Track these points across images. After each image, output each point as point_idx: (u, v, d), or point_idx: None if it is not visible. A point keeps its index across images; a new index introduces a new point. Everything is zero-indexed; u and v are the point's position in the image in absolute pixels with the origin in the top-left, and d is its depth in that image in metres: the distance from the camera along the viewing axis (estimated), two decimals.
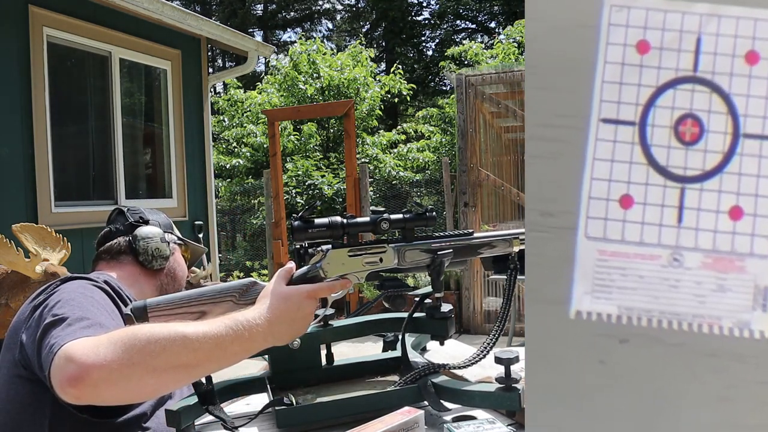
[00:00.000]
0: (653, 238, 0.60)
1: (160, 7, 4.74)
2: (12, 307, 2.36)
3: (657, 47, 0.59)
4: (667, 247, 0.60)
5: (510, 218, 6.03)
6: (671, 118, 0.59)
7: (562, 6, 0.60)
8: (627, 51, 0.60)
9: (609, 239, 0.60)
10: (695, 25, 0.59)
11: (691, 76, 0.59)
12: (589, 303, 0.61)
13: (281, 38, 22.65)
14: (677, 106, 0.59)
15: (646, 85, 0.60)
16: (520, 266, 1.17)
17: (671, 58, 0.59)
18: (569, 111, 0.60)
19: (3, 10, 3.92)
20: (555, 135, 0.60)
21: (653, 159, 0.60)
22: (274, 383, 1.24)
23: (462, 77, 5.83)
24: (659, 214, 0.60)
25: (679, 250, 0.60)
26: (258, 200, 9.31)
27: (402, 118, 16.43)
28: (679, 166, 0.59)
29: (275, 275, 1.03)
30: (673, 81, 0.59)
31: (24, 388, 1.14)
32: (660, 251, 0.60)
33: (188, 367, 0.91)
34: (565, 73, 0.60)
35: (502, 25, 16.84)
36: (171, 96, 5.42)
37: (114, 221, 1.49)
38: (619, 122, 0.60)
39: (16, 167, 3.98)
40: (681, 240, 0.60)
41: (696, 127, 0.59)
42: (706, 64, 0.59)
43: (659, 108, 0.60)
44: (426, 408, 1.12)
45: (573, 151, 0.60)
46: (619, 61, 0.60)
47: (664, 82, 0.59)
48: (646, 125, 0.60)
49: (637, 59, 0.60)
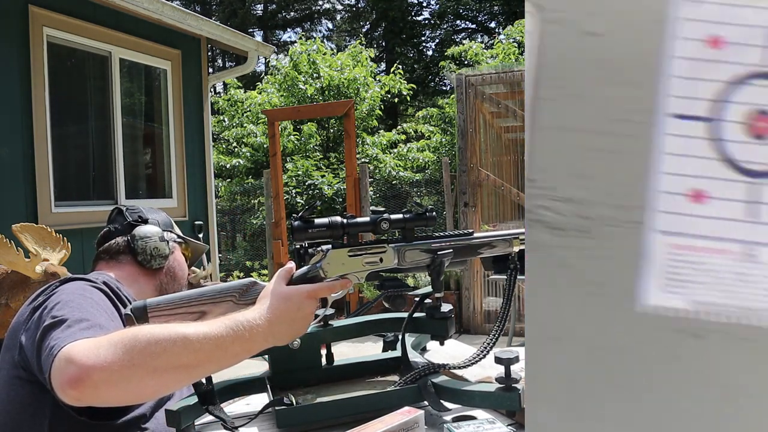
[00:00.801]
0: (727, 233, 0.60)
1: (160, 7, 4.74)
2: (12, 307, 2.36)
3: (730, 42, 0.59)
4: (741, 242, 0.59)
5: (510, 218, 6.03)
6: (745, 113, 0.59)
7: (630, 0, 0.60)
8: (698, 45, 0.60)
9: (682, 233, 0.60)
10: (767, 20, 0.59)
11: (764, 71, 0.59)
12: (661, 297, 0.60)
13: (281, 38, 22.66)
14: (750, 101, 0.59)
15: (719, 80, 0.59)
16: (520, 266, 1.17)
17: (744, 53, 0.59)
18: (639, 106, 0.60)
19: (3, 10, 3.92)
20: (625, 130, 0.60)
21: (726, 154, 0.60)
22: (274, 383, 1.24)
23: (462, 77, 5.83)
24: (734, 209, 0.59)
25: (754, 245, 0.59)
26: (258, 200, 9.31)
27: (402, 118, 16.43)
28: (753, 161, 0.59)
29: (275, 275, 1.03)
30: (746, 76, 0.59)
31: (23, 390, 1.14)
32: (733, 246, 0.60)
33: (189, 368, 0.91)
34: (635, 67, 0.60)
35: (502, 25, 16.85)
36: (171, 96, 5.42)
37: (113, 221, 1.49)
38: (691, 118, 0.60)
39: (16, 167, 3.98)
40: (756, 235, 0.59)
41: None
42: None
43: (733, 103, 0.59)
44: (426, 408, 1.12)
45: (643, 146, 0.60)
46: (689, 56, 0.60)
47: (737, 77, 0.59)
48: (719, 120, 0.60)
49: (709, 54, 0.60)
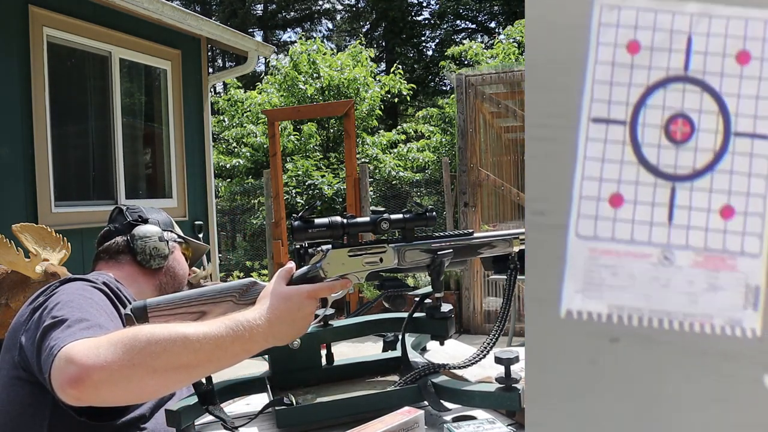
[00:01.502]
0: (644, 236, 0.60)
1: (160, 7, 4.74)
2: (12, 307, 2.35)
3: (647, 47, 0.60)
4: (658, 246, 0.60)
5: (510, 218, 6.03)
6: (662, 117, 0.60)
7: (556, 6, 0.60)
8: (618, 51, 0.60)
9: (600, 238, 0.60)
10: (686, 25, 0.59)
11: (682, 75, 0.59)
12: (580, 302, 0.61)
13: (281, 38, 22.66)
14: (668, 105, 0.59)
15: (637, 84, 0.60)
16: (520, 266, 1.17)
17: (662, 57, 0.59)
18: (561, 110, 0.61)
19: (3, 10, 3.92)
20: (548, 134, 0.61)
21: (644, 158, 0.60)
22: (274, 383, 1.24)
23: (462, 77, 5.83)
24: (650, 212, 0.60)
25: (670, 248, 0.60)
26: (258, 200, 9.31)
27: (402, 118, 16.43)
28: (670, 165, 0.59)
29: (275, 275, 1.03)
30: (663, 80, 0.60)
31: (23, 390, 1.14)
32: (651, 250, 0.60)
33: (189, 368, 0.91)
34: (558, 72, 0.60)
35: (502, 25, 16.85)
36: (171, 96, 5.42)
37: (113, 220, 1.49)
38: (609, 121, 0.60)
39: (16, 167, 3.98)
40: (672, 238, 0.60)
41: (687, 126, 0.59)
42: (697, 64, 0.59)
43: (650, 107, 0.60)
44: (426, 408, 1.11)
45: (565, 151, 0.61)
46: (609, 60, 0.60)
47: (655, 81, 0.60)
48: (636, 124, 0.60)
49: (627, 59, 0.60)
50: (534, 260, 0.61)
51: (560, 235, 0.61)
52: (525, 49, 0.62)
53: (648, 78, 0.60)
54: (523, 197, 0.64)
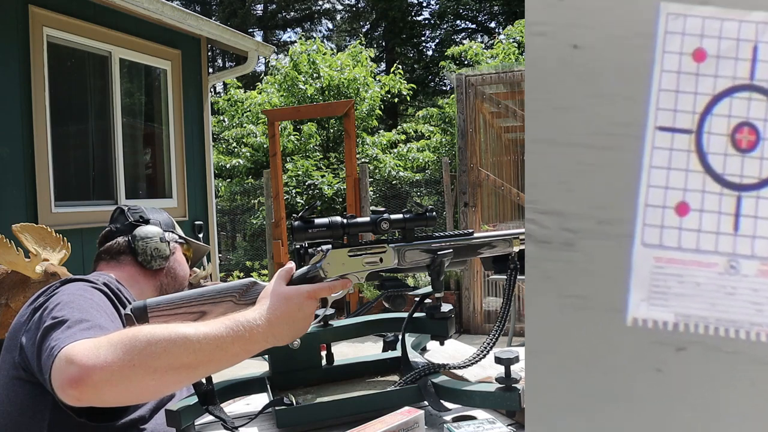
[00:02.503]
0: (710, 245, 0.60)
1: (160, 7, 4.74)
2: (12, 307, 2.36)
3: (713, 55, 0.59)
4: (724, 255, 0.60)
5: (510, 218, 6.03)
6: (728, 126, 0.59)
7: (618, 14, 0.60)
8: (683, 59, 0.60)
9: (665, 246, 0.60)
10: (752, 34, 0.59)
11: (748, 84, 0.59)
12: (645, 310, 0.61)
13: (281, 38, 22.66)
14: (734, 114, 0.59)
15: (703, 93, 0.60)
16: (520, 266, 1.17)
17: (728, 66, 0.59)
18: (625, 119, 0.60)
19: (3, 10, 3.92)
20: (613, 143, 0.60)
21: (710, 167, 0.60)
22: (274, 383, 1.24)
23: (462, 77, 5.83)
24: (716, 221, 0.60)
25: (736, 257, 0.59)
26: (258, 200, 9.31)
27: (402, 118, 16.43)
28: (736, 174, 0.59)
29: (275, 275, 1.03)
30: (729, 89, 0.59)
31: (23, 390, 1.14)
32: (717, 259, 0.60)
33: (189, 368, 0.91)
34: (622, 81, 0.60)
35: (502, 25, 16.85)
36: (171, 96, 5.42)
37: (115, 220, 1.49)
38: (675, 130, 0.60)
39: (16, 167, 3.98)
40: (738, 247, 0.59)
41: (753, 135, 0.59)
42: (763, 72, 0.59)
43: (716, 116, 0.59)
44: (426, 408, 1.12)
45: (629, 159, 0.60)
46: (675, 69, 0.60)
47: (721, 90, 0.59)
48: (702, 133, 0.60)
49: (693, 67, 0.60)
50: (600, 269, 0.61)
51: (626, 244, 0.61)
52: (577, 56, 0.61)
53: (714, 87, 0.59)
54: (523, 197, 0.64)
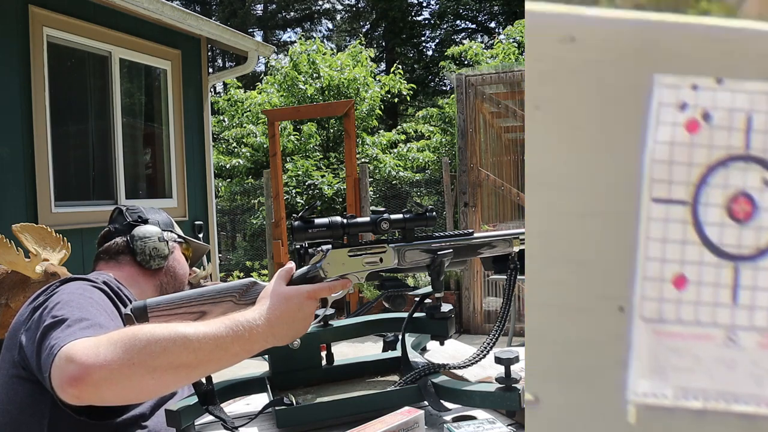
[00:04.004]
0: (708, 317, 0.60)
1: (160, 7, 4.74)
2: (12, 307, 2.35)
3: (707, 125, 0.59)
4: (722, 327, 0.59)
5: (510, 218, 6.03)
6: (724, 196, 0.59)
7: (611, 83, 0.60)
8: (677, 130, 0.60)
9: (664, 320, 0.60)
10: (746, 104, 0.59)
11: (743, 154, 0.59)
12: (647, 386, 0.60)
13: (281, 38, 22.65)
14: (729, 184, 0.59)
15: (697, 163, 0.59)
16: (520, 266, 1.17)
17: (722, 136, 0.59)
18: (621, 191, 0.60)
19: (3, 10, 3.92)
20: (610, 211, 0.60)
21: (706, 237, 0.59)
22: (274, 383, 1.24)
23: (462, 77, 5.83)
24: (714, 293, 0.59)
25: (735, 329, 0.59)
26: (258, 200, 9.31)
27: (402, 118, 16.42)
28: (733, 245, 0.59)
29: (275, 275, 1.03)
30: (724, 159, 0.59)
31: (23, 389, 1.14)
32: (715, 331, 0.59)
33: (188, 368, 0.91)
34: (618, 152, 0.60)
35: (502, 25, 16.85)
36: (171, 96, 5.42)
37: (114, 221, 1.49)
38: (671, 201, 0.60)
39: (16, 167, 3.98)
40: (736, 319, 0.59)
41: (749, 205, 0.59)
42: (758, 142, 0.58)
43: (711, 186, 0.59)
44: (426, 408, 1.11)
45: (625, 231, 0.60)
46: (668, 140, 0.60)
47: (716, 160, 0.59)
48: (698, 204, 0.59)
49: (687, 138, 0.60)
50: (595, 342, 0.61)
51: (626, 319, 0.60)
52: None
53: (708, 157, 0.59)
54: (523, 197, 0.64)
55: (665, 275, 0.60)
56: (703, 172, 0.59)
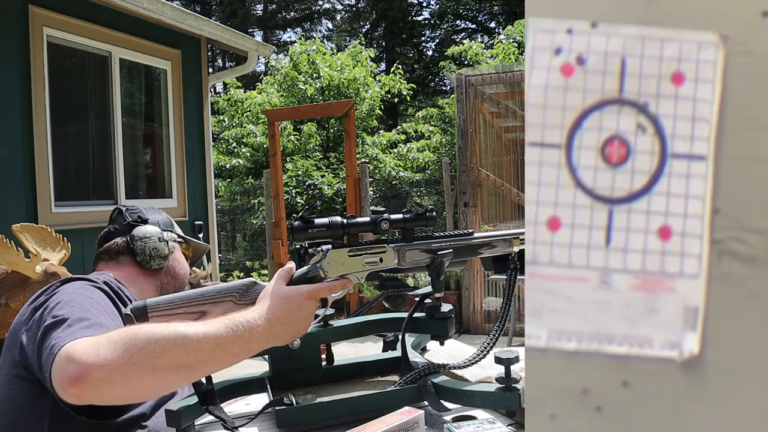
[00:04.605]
0: (581, 260, 0.60)
1: (160, 7, 4.74)
2: (12, 307, 2.35)
3: (582, 70, 0.59)
4: (596, 269, 0.60)
5: (510, 218, 6.03)
6: (598, 139, 0.59)
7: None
8: (551, 74, 0.60)
9: (538, 262, 0.60)
10: (620, 47, 0.59)
11: (617, 98, 0.59)
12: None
13: (281, 38, 22.65)
14: (604, 127, 0.59)
15: (572, 107, 0.60)
16: (520, 266, 1.17)
17: (597, 80, 0.59)
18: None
19: (3, 10, 3.92)
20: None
21: (580, 181, 0.60)
22: (274, 383, 1.24)
23: (462, 77, 5.83)
24: (587, 235, 0.60)
25: (608, 271, 0.59)
26: (258, 200, 9.31)
27: (402, 118, 16.42)
28: (607, 187, 0.59)
29: (275, 275, 1.03)
30: (599, 103, 0.59)
31: (23, 389, 1.14)
32: (589, 273, 0.60)
33: (188, 368, 0.91)
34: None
35: (502, 25, 16.84)
36: (171, 96, 5.41)
37: (113, 221, 1.49)
38: (545, 145, 0.60)
39: (16, 167, 3.98)
40: (610, 261, 0.59)
41: (623, 148, 0.59)
42: (632, 86, 0.59)
43: (586, 130, 0.60)
44: (426, 408, 1.12)
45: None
46: (543, 84, 0.60)
47: (590, 104, 0.59)
48: (572, 147, 0.60)
49: (562, 82, 0.60)
50: None
51: None
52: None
53: (583, 101, 0.59)
54: (523, 197, 0.64)
55: (539, 218, 0.60)
56: (578, 116, 0.60)
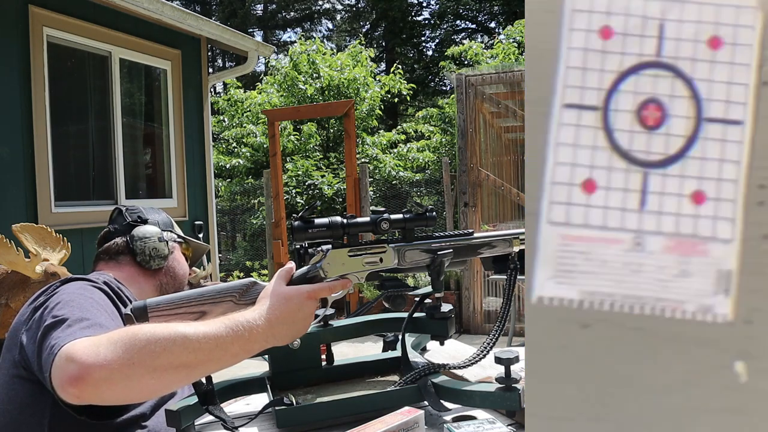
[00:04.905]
0: (616, 222, 0.60)
1: (160, 7, 4.74)
2: (12, 307, 2.35)
3: (620, 33, 0.60)
4: (630, 232, 0.60)
5: (510, 218, 6.03)
6: (634, 102, 0.59)
7: None
8: (590, 36, 0.60)
9: (572, 224, 0.60)
10: (658, 11, 0.59)
11: (655, 61, 0.59)
12: (551, 288, 0.61)
13: (281, 38, 22.65)
14: (640, 90, 0.59)
15: (609, 70, 0.60)
16: (520, 266, 1.17)
17: (634, 43, 0.59)
18: (535, 97, 0.61)
19: (3, 10, 3.92)
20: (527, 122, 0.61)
21: (616, 143, 0.60)
22: (274, 383, 1.24)
23: (462, 77, 5.83)
24: (622, 198, 0.60)
25: (642, 234, 0.60)
26: (258, 200, 9.31)
27: (402, 118, 16.42)
28: (642, 151, 0.59)
29: (275, 275, 1.03)
30: (636, 66, 0.59)
31: (23, 389, 1.14)
32: (623, 235, 0.60)
33: (188, 367, 0.91)
34: (533, 59, 0.61)
35: (502, 25, 16.84)
36: (171, 96, 5.42)
37: (113, 221, 1.49)
38: (582, 107, 0.60)
39: (16, 167, 3.98)
40: (643, 224, 0.60)
41: (659, 112, 0.59)
42: (669, 50, 0.59)
43: (622, 93, 0.60)
44: (426, 408, 1.12)
45: (538, 137, 0.60)
46: (582, 46, 0.60)
47: (628, 67, 0.60)
48: (609, 110, 0.60)
49: (600, 45, 0.60)
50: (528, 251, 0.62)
51: (534, 223, 0.61)
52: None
53: (621, 64, 0.60)
54: (523, 197, 0.64)
55: (574, 180, 0.60)
56: (615, 79, 0.60)
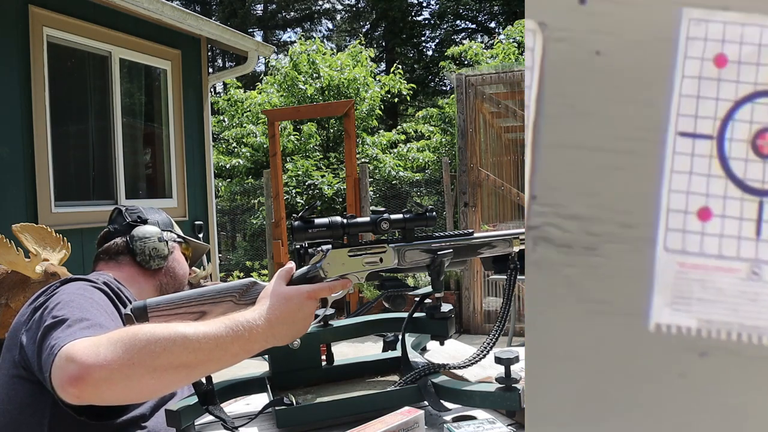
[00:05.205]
0: (732, 251, 0.60)
1: (160, 7, 4.74)
2: (12, 307, 2.35)
3: (735, 61, 0.59)
4: (746, 261, 0.60)
5: (510, 218, 6.03)
6: (749, 131, 0.59)
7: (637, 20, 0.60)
8: (705, 65, 0.60)
9: (688, 252, 0.60)
10: None
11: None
12: (668, 315, 0.60)
13: (281, 38, 22.65)
14: (755, 120, 0.59)
15: (724, 98, 0.60)
16: (520, 266, 1.17)
17: (749, 72, 0.59)
18: (646, 124, 0.60)
19: (3, 10, 3.92)
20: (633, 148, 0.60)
21: (731, 172, 0.60)
22: (274, 383, 1.24)
23: (462, 77, 5.83)
24: (738, 227, 0.60)
25: (758, 263, 0.59)
26: (258, 200, 9.31)
27: (402, 118, 16.42)
28: (758, 180, 0.59)
29: (275, 275, 1.03)
30: (751, 95, 0.59)
31: (23, 389, 1.14)
32: (739, 264, 0.60)
33: (188, 368, 0.91)
34: (644, 86, 0.60)
35: (502, 25, 16.83)
36: (171, 96, 5.42)
37: (113, 221, 1.49)
38: (696, 136, 0.60)
39: (16, 167, 3.98)
40: (760, 253, 0.59)
41: None
42: None
43: (737, 122, 0.60)
44: (426, 408, 1.12)
45: (650, 164, 0.60)
46: (696, 74, 0.60)
47: (743, 96, 0.59)
48: (724, 139, 0.60)
49: (714, 73, 0.60)
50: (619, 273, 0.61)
51: (648, 249, 0.61)
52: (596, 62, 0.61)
53: (736, 92, 0.59)
54: (523, 197, 0.64)
55: (689, 208, 0.60)
56: (730, 107, 0.60)
